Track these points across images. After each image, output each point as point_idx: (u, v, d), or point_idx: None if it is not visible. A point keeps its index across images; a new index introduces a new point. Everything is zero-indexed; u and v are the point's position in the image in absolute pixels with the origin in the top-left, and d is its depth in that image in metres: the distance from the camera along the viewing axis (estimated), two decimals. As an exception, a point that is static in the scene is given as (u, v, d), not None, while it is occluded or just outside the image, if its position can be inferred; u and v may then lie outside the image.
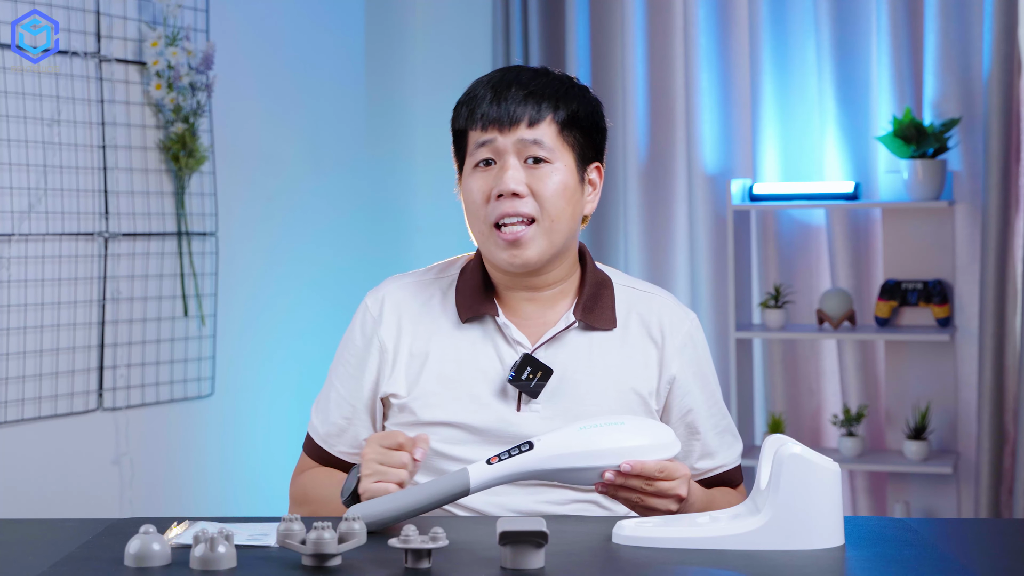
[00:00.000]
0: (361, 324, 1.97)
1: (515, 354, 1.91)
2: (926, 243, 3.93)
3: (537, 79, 1.91)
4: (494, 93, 1.89)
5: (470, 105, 1.91)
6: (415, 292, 1.98)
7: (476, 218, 1.91)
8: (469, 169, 1.92)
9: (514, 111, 1.88)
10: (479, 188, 1.90)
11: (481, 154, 1.90)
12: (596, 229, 4.27)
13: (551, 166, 1.89)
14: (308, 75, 4.04)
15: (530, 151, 1.88)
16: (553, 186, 1.88)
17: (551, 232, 1.89)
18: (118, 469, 3.41)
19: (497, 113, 1.88)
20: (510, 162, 1.88)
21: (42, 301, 3.21)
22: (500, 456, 1.70)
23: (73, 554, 1.58)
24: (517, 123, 1.88)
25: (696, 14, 4.06)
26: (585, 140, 1.93)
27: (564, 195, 1.89)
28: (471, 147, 1.91)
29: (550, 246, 1.89)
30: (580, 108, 1.92)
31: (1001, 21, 3.70)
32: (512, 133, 1.88)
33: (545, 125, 1.89)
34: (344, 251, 4.14)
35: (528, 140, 1.87)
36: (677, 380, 1.94)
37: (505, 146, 1.88)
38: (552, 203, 1.88)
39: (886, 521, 1.76)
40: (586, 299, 1.94)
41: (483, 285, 1.95)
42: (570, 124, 1.91)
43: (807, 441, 3.93)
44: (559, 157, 1.89)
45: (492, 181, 1.88)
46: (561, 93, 1.91)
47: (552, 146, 1.89)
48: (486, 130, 1.89)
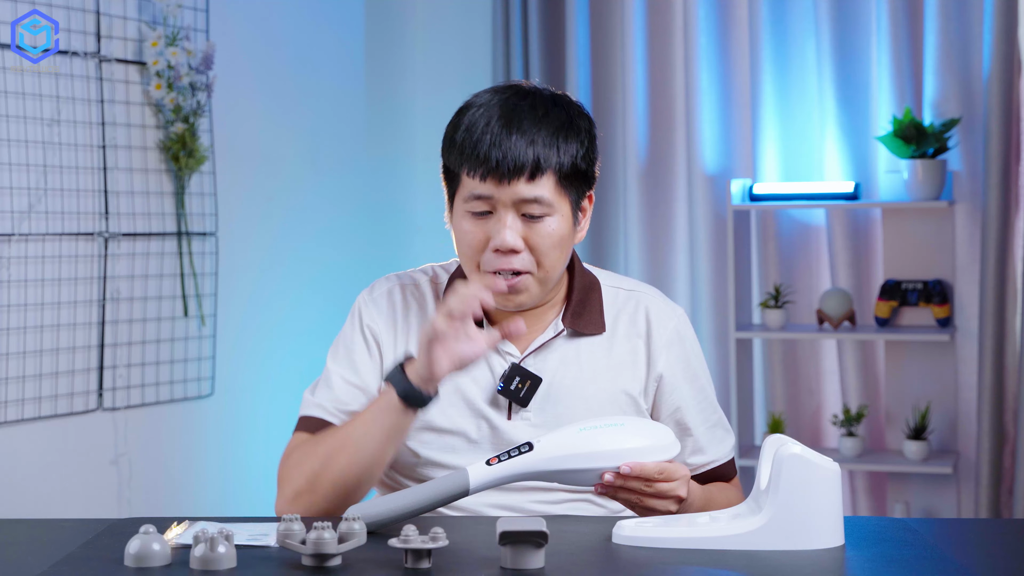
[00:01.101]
0: (358, 322, 1.97)
1: (504, 363, 1.91)
2: (926, 243, 3.93)
3: (537, 124, 1.83)
4: (492, 138, 1.82)
5: (465, 150, 1.83)
6: (411, 297, 1.97)
7: (469, 261, 1.88)
8: (462, 210, 1.87)
9: (514, 164, 1.81)
10: (473, 235, 1.85)
11: (476, 205, 1.84)
12: (596, 229, 4.27)
13: (548, 218, 1.85)
14: (308, 75, 4.04)
15: (528, 208, 1.83)
16: (549, 240, 1.85)
17: (545, 281, 1.88)
18: (117, 469, 3.41)
19: (496, 165, 1.81)
20: (507, 218, 1.83)
21: (42, 301, 3.21)
22: (500, 457, 1.70)
23: (73, 554, 1.58)
24: (517, 177, 1.82)
25: (696, 14, 4.06)
26: (582, 182, 1.88)
27: (559, 246, 1.86)
28: (464, 191, 1.86)
29: (542, 291, 1.89)
30: (578, 150, 1.86)
31: (1001, 21, 3.70)
32: (511, 188, 1.82)
33: (545, 179, 1.83)
34: (344, 251, 4.14)
35: (528, 198, 1.82)
36: (664, 378, 1.94)
37: (503, 199, 1.83)
38: (547, 256, 1.85)
39: (886, 521, 1.76)
40: (574, 305, 1.94)
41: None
42: (570, 173, 1.85)
43: (807, 441, 3.93)
44: (557, 209, 1.85)
45: (487, 231, 1.84)
46: (562, 137, 1.84)
47: (551, 199, 1.84)
48: (484, 181, 1.83)
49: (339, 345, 1.97)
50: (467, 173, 1.84)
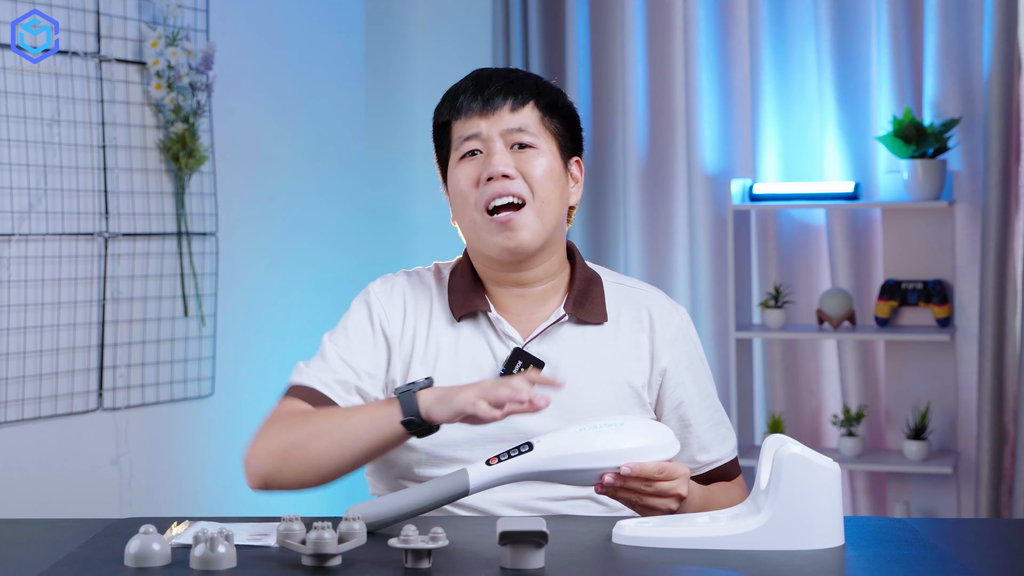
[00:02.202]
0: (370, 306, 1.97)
1: (507, 349, 1.92)
2: (926, 243, 3.93)
3: (514, 72, 1.96)
4: (475, 86, 1.94)
5: (452, 99, 1.95)
6: (418, 287, 2.00)
7: (466, 205, 1.93)
8: (455, 162, 1.95)
9: (496, 98, 1.92)
10: (467, 176, 1.93)
11: (467, 146, 1.93)
12: (596, 229, 4.27)
13: (536, 151, 1.92)
14: (308, 75, 4.04)
15: (515, 137, 1.92)
16: (541, 168, 1.92)
17: (542, 214, 1.91)
18: (118, 469, 3.41)
19: (480, 102, 1.92)
20: (497, 147, 1.91)
21: (42, 301, 3.21)
22: (499, 457, 1.70)
23: (73, 554, 1.58)
24: (500, 108, 1.92)
25: (696, 14, 4.06)
26: (566, 130, 1.97)
27: (552, 177, 1.93)
28: (455, 140, 1.95)
29: (542, 228, 1.91)
30: (559, 98, 1.97)
31: (1001, 21, 3.70)
32: (496, 119, 1.92)
33: (528, 110, 1.93)
34: (344, 251, 4.14)
35: (513, 128, 1.92)
36: (668, 372, 1.95)
37: (490, 134, 1.92)
38: (541, 184, 1.91)
39: (886, 521, 1.76)
40: (576, 294, 1.96)
41: (473, 283, 1.97)
42: (551, 111, 1.95)
43: (807, 441, 3.93)
44: (543, 143, 1.93)
45: (480, 168, 1.91)
46: (540, 84, 1.97)
47: (536, 131, 1.93)
48: (470, 119, 1.92)
49: (341, 325, 1.98)
50: (455, 118, 1.94)
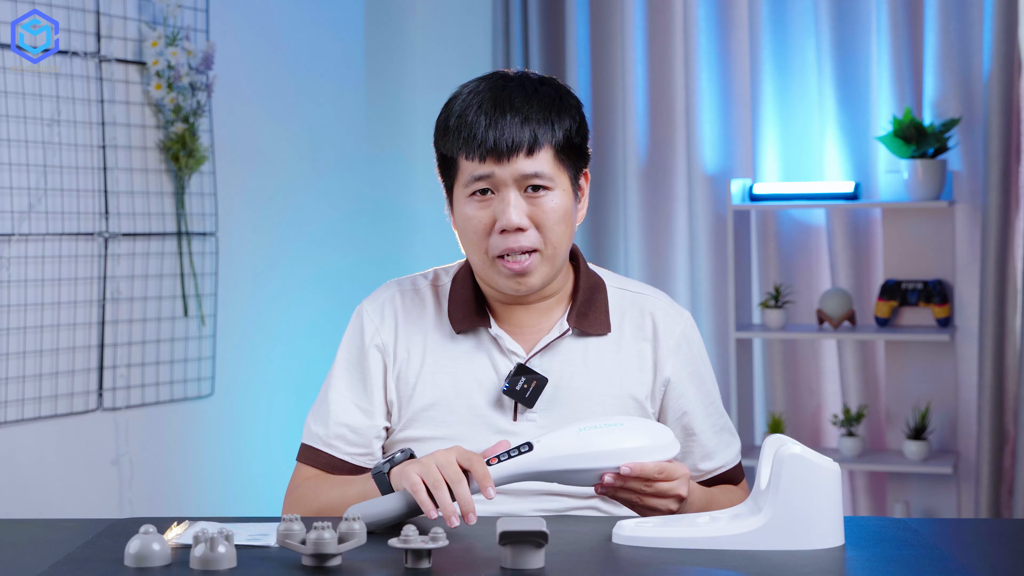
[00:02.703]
0: (360, 330, 1.95)
1: (510, 364, 1.90)
2: (926, 243, 3.93)
3: (529, 101, 1.84)
4: (488, 120, 1.83)
5: (462, 132, 1.84)
6: (412, 302, 1.96)
7: (476, 249, 1.87)
8: (463, 197, 1.86)
9: (512, 141, 1.82)
10: (478, 219, 1.85)
11: (477, 185, 1.84)
12: (596, 229, 4.27)
13: (550, 193, 1.85)
14: (308, 75, 4.04)
15: (530, 182, 1.83)
16: (554, 215, 1.84)
17: (553, 259, 1.87)
18: (118, 469, 3.41)
19: (494, 144, 1.82)
20: (510, 196, 1.83)
21: (42, 301, 3.21)
22: (499, 457, 1.70)
23: (73, 554, 1.58)
24: (516, 153, 1.82)
25: (696, 14, 4.06)
26: (577, 157, 1.89)
27: (564, 220, 1.86)
28: (464, 176, 1.85)
29: (552, 270, 1.88)
30: (571, 125, 1.87)
31: (1001, 21, 3.70)
32: (511, 165, 1.82)
33: (543, 153, 1.83)
34: (344, 251, 4.14)
35: (528, 173, 1.83)
36: (672, 382, 1.93)
37: (504, 178, 1.83)
38: (554, 232, 1.85)
39: (886, 521, 1.76)
40: (580, 305, 1.93)
41: (474, 296, 1.93)
42: (566, 147, 1.86)
43: (807, 441, 3.93)
44: (557, 183, 1.85)
45: (492, 213, 1.84)
46: (555, 112, 1.85)
47: (551, 174, 1.84)
48: (484, 161, 1.83)
49: (339, 361, 1.96)
50: (466, 157, 1.84)
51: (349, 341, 1.96)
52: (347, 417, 1.92)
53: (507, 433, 1.87)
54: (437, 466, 1.66)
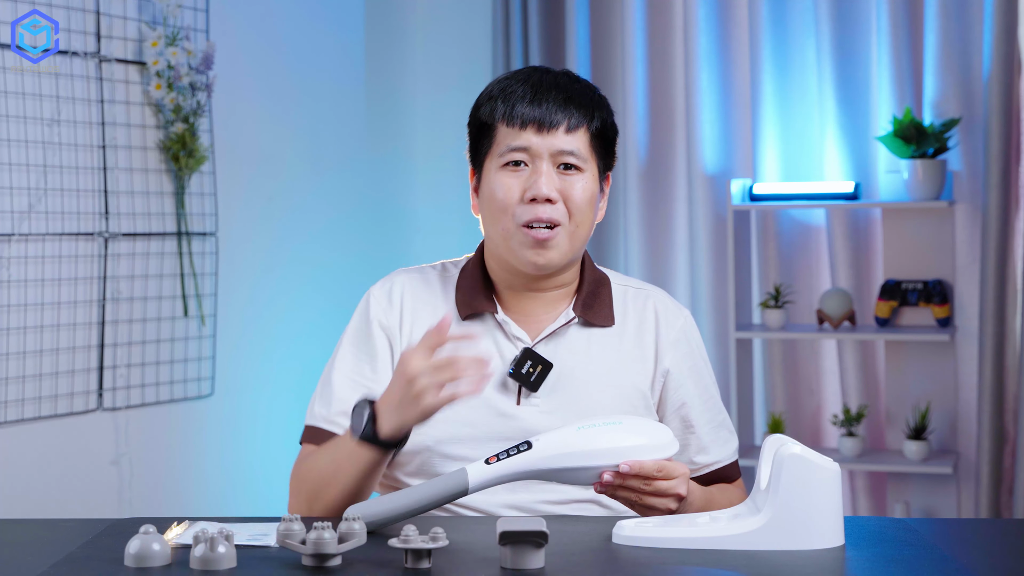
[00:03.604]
0: (368, 310, 1.97)
1: (515, 349, 1.92)
2: (926, 243, 3.93)
3: (572, 85, 1.92)
4: (533, 92, 1.90)
5: (506, 101, 1.90)
6: (420, 285, 1.99)
7: (503, 215, 1.90)
8: (495, 167, 1.91)
9: (554, 115, 1.88)
10: (509, 187, 1.89)
11: (513, 156, 1.89)
12: (596, 229, 4.23)
13: (581, 175, 1.91)
14: (308, 75, 4.04)
15: (564, 158, 1.89)
16: (583, 194, 1.90)
17: (574, 237, 1.92)
18: (118, 469, 3.41)
19: (537, 115, 1.88)
20: (544, 167, 1.88)
21: (42, 301, 3.21)
22: (499, 456, 1.70)
23: (73, 554, 1.58)
24: (556, 127, 1.88)
25: (696, 14, 4.06)
26: (607, 151, 1.96)
27: (591, 203, 1.92)
28: (500, 145, 1.90)
29: (571, 249, 1.92)
30: (607, 118, 1.94)
31: (1001, 21, 3.70)
32: (550, 138, 1.88)
33: (581, 132, 1.90)
34: (344, 251, 4.14)
35: (565, 150, 1.89)
36: (671, 373, 1.96)
37: (541, 151, 1.89)
38: (580, 210, 1.90)
39: (886, 521, 1.76)
40: (585, 296, 1.97)
41: (483, 283, 1.96)
42: (600, 135, 1.93)
43: (807, 441, 3.93)
44: (588, 167, 1.92)
45: (524, 183, 1.89)
46: (594, 102, 1.93)
47: (584, 155, 1.91)
48: (524, 129, 1.89)
49: (344, 341, 1.98)
50: (507, 124, 1.90)
51: (355, 322, 1.98)
52: (351, 395, 1.93)
53: (510, 417, 1.89)
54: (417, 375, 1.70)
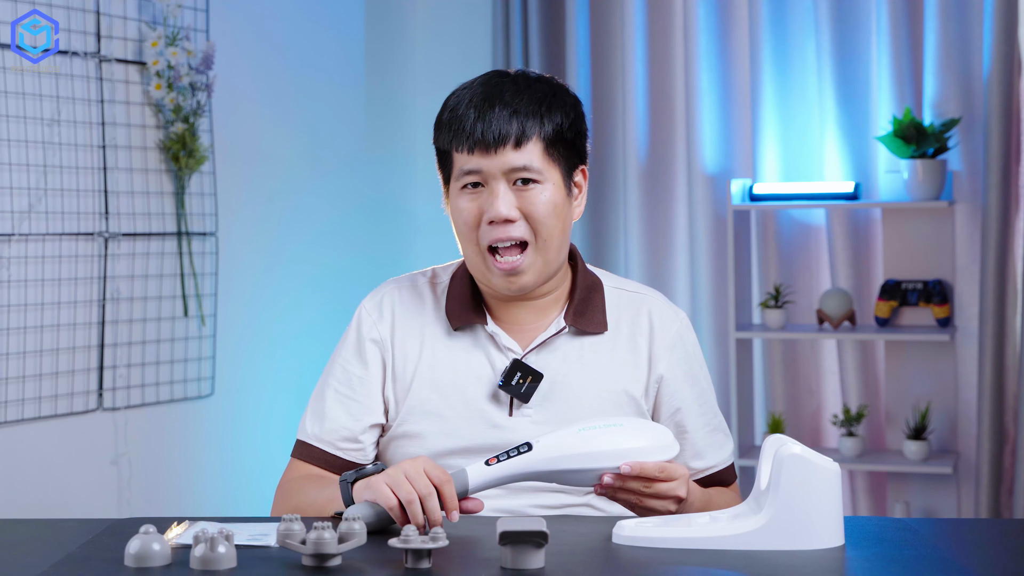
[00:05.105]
0: (360, 326, 1.97)
1: (506, 360, 1.91)
2: (926, 243, 3.93)
3: (519, 95, 1.86)
4: (477, 113, 1.85)
5: (454, 125, 1.87)
6: (410, 298, 1.98)
7: (467, 241, 1.89)
8: (456, 189, 1.89)
9: (499, 133, 1.84)
10: (468, 211, 1.87)
11: (468, 179, 1.87)
12: (596, 229, 4.27)
13: (540, 186, 1.86)
14: (308, 75, 4.04)
15: (518, 175, 1.85)
16: (544, 207, 1.86)
17: (545, 252, 1.88)
18: (117, 469, 3.41)
19: (482, 135, 1.84)
20: (499, 188, 1.85)
21: (42, 301, 3.21)
22: (499, 457, 1.70)
23: (73, 554, 1.58)
24: (503, 145, 1.84)
25: (696, 14, 4.06)
26: (570, 152, 1.90)
27: (554, 214, 1.87)
28: (456, 170, 1.88)
29: (545, 267, 1.89)
30: (563, 120, 1.88)
31: (1001, 21, 3.70)
32: (499, 157, 1.84)
33: (531, 145, 1.85)
34: (344, 251, 4.14)
35: (516, 166, 1.85)
36: (665, 379, 1.94)
37: (493, 170, 1.85)
38: (544, 224, 1.86)
39: (886, 521, 1.76)
40: (577, 303, 1.94)
41: (472, 294, 1.95)
42: (555, 140, 1.87)
43: (807, 441, 3.93)
44: (547, 176, 1.87)
45: (482, 205, 1.86)
46: (544, 107, 1.87)
47: (540, 167, 1.86)
48: (472, 153, 1.85)
49: (336, 356, 1.98)
50: (456, 149, 1.88)
51: (348, 338, 1.98)
52: (342, 413, 1.93)
53: (503, 428, 1.89)
54: (407, 477, 1.65)
